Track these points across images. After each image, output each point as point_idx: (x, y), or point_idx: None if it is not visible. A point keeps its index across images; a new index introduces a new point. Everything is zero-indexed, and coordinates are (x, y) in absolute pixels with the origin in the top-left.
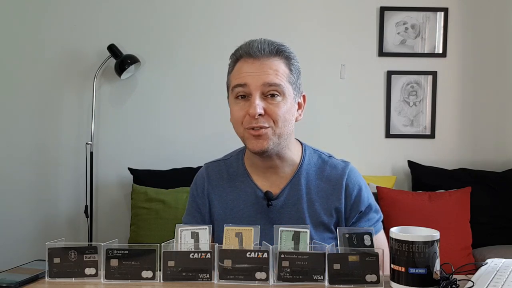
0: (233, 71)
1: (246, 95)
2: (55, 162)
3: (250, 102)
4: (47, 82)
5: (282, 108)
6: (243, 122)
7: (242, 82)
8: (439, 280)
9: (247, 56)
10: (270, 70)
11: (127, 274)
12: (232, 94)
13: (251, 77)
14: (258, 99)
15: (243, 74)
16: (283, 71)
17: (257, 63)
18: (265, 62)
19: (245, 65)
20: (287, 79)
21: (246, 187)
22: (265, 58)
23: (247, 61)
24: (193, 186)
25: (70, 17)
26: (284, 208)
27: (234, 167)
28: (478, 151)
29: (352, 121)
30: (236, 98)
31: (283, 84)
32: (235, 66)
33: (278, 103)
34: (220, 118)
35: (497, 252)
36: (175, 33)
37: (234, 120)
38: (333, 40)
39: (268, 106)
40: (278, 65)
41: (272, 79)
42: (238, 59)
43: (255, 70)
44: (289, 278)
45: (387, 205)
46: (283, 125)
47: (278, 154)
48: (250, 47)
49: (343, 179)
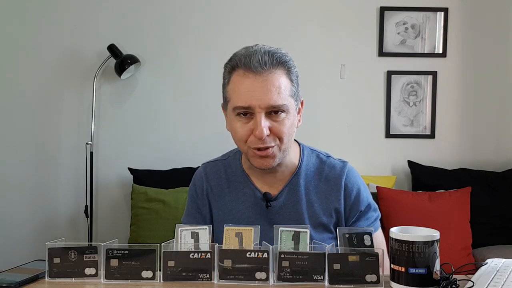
0: (230, 84)
1: (249, 113)
2: (55, 162)
3: (254, 121)
4: (47, 82)
5: (286, 125)
6: (247, 141)
7: (245, 105)
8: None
9: (246, 70)
10: (273, 88)
11: (127, 274)
12: (233, 112)
13: (255, 99)
14: (263, 120)
15: (246, 95)
16: (285, 86)
17: (259, 79)
18: (267, 78)
19: (246, 81)
20: (289, 94)
21: (245, 188)
22: (267, 73)
23: (248, 77)
24: (192, 187)
25: (70, 17)
26: (283, 209)
27: (232, 168)
28: (478, 151)
29: (352, 121)
30: (238, 115)
31: (287, 102)
32: (231, 77)
33: (283, 120)
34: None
35: (497, 252)
36: (175, 33)
37: (238, 139)
38: (333, 40)
39: (273, 124)
40: (280, 79)
41: (276, 100)
42: (234, 69)
43: (257, 89)
44: (289, 278)
45: (387, 205)
46: (287, 140)
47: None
48: (250, 60)
49: (341, 179)
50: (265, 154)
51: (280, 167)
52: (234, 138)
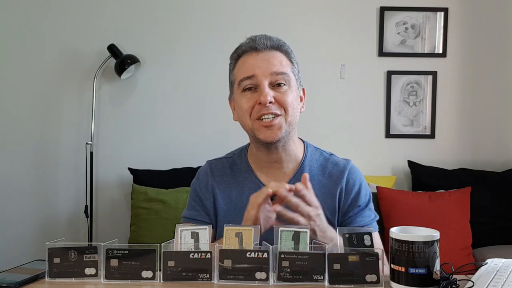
0: (236, 67)
1: (254, 86)
2: (55, 162)
3: (259, 92)
4: (47, 82)
5: (290, 96)
6: (251, 114)
7: (249, 74)
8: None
9: (251, 50)
10: (274, 61)
11: (127, 274)
12: (238, 88)
13: (258, 68)
14: (267, 87)
15: (249, 67)
16: (286, 63)
17: (261, 55)
18: (269, 54)
19: (250, 58)
20: (291, 70)
21: (250, 183)
22: (268, 51)
23: (251, 55)
24: (196, 181)
25: (70, 17)
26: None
27: (237, 164)
28: (478, 151)
29: (352, 121)
30: (243, 91)
31: (288, 73)
32: (237, 62)
33: (286, 91)
34: (220, 118)
35: (497, 252)
36: (175, 33)
37: (243, 112)
38: (333, 40)
39: (277, 95)
40: (281, 57)
41: (278, 68)
42: (240, 56)
43: (260, 61)
44: (289, 278)
45: (387, 205)
46: (292, 112)
47: (284, 146)
48: (253, 41)
49: (344, 174)
50: (269, 124)
51: (286, 156)
52: (240, 115)
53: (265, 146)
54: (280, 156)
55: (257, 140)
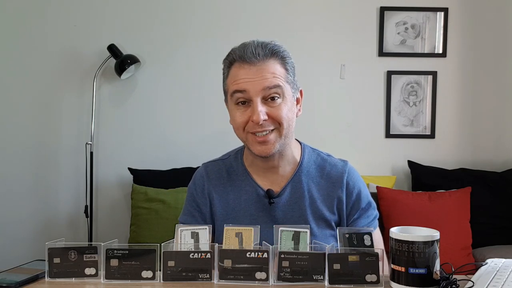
0: (229, 77)
1: (246, 101)
2: (55, 162)
3: (252, 108)
4: (47, 82)
5: (284, 109)
6: (245, 128)
7: (241, 88)
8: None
9: (242, 61)
10: (268, 74)
11: (127, 274)
12: (231, 100)
13: (250, 83)
14: (260, 105)
15: (241, 81)
16: (279, 72)
17: (253, 69)
18: (261, 67)
19: (241, 71)
20: (285, 80)
21: (247, 186)
22: (260, 63)
23: (243, 67)
24: (192, 185)
25: (70, 17)
26: (286, 205)
27: (234, 167)
28: (478, 151)
29: (352, 121)
30: (237, 104)
31: (282, 84)
32: (229, 71)
33: (279, 105)
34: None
35: (497, 252)
36: (175, 33)
37: (237, 127)
38: (333, 40)
39: (271, 110)
40: (274, 67)
41: (271, 81)
42: (231, 64)
43: (252, 76)
44: (289, 278)
45: (387, 205)
46: (287, 125)
47: (281, 153)
48: (244, 52)
49: (343, 177)
50: (263, 140)
51: (282, 162)
52: (234, 127)
53: (260, 158)
54: (277, 162)
55: (251, 153)
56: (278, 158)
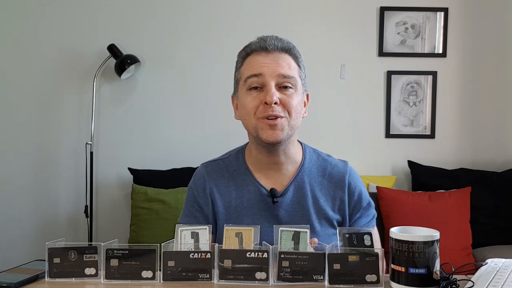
0: (243, 65)
1: (260, 86)
2: (55, 162)
3: (265, 91)
4: (47, 82)
5: (295, 99)
6: (256, 113)
7: (257, 72)
8: (439, 280)
9: (260, 49)
10: (283, 63)
11: (127, 274)
12: (244, 86)
13: (266, 67)
14: (274, 88)
15: (258, 65)
16: (294, 66)
17: (270, 56)
18: (278, 55)
19: (259, 57)
20: (298, 74)
21: (249, 185)
22: (277, 52)
23: (260, 54)
24: (193, 185)
25: (70, 17)
26: (289, 205)
27: (235, 166)
28: (478, 151)
29: (352, 121)
30: (249, 90)
31: (296, 77)
32: (245, 60)
33: (292, 94)
34: (220, 118)
35: (497, 252)
36: (175, 33)
37: (247, 111)
38: (333, 40)
39: (283, 97)
40: (289, 60)
41: (286, 71)
42: (249, 54)
43: (269, 61)
44: (289, 278)
45: (387, 205)
46: (296, 116)
47: (285, 149)
48: (263, 41)
49: (345, 177)
50: (273, 123)
51: (286, 159)
52: (243, 114)
53: (266, 148)
54: (280, 158)
55: (258, 141)
56: (281, 154)
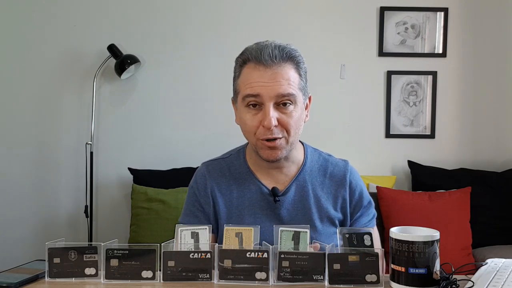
0: (241, 76)
1: (258, 104)
2: (55, 162)
3: (263, 112)
4: (47, 82)
5: (294, 117)
6: (256, 133)
7: (254, 92)
8: (439, 280)
9: (257, 63)
10: (282, 80)
11: (127, 274)
12: (242, 102)
13: (264, 88)
14: (272, 110)
15: (255, 84)
16: (294, 79)
17: (268, 72)
18: (276, 71)
19: (256, 73)
20: (298, 87)
21: (250, 185)
22: (276, 66)
23: (258, 69)
24: (194, 185)
25: (70, 17)
26: (291, 204)
27: (236, 165)
28: (478, 151)
29: (352, 121)
30: (247, 107)
31: (296, 93)
32: (242, 70)
33: (291, 112)
34: (220, 118)
35: (497, 252)
36: (175, 33)
37: (247, 130)
38: (333, 40)
39: (281, 116)
40: (289, 72)
41: (285, 89)
42: (245, 63)
43: (267, 80)
44: (289, 278)
45: (387, 205)
46: (295, 133)
47: (286, 157)
48: (261, 54)
49: (346, 176)
50: (273, 145)
51: (287, 162)
52: (243, 129)
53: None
54: (282, 163)
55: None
56: (283, 161)
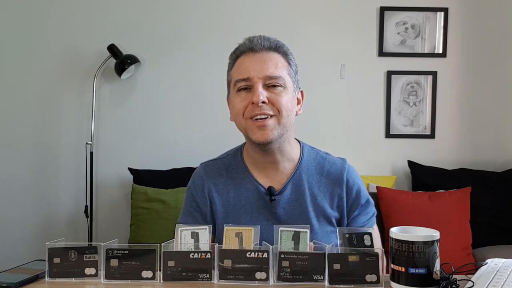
0: (233, 67)
1: (248, 87)
2: (55, 162)
3: (252, 91)
4: (47, 82)
5: (284, 97)
6: (244, 113)
7: (245, 76)
8: (439, 280)
9: (248, 50)
10: (270, 62)
11: (127, 274)
12: (234, 88)
13: (254, 70)
14: (261, 87)
15: (245, 69)
16: (282, 64)
17: (257, 56)
18: (265, 55)
19: (246, 59)
20: (287, 72)
21: (247, 184)
22: (264, 52)
23: (248, 55)
24: (191, 185)
25: (70, 17)
26: (287, 203)
27: (233, 165)
28: (478, 151)
29: (352, 121)
30: (238, 91)
31: (283, 76)
32: (235, 62)
33: (280, 92)
34: (220, 118)
35: (497, 252)
36: (175, 33)
37: (236, 112)
38: (333, 40)
39: (271, 95)
40: (277, 58)
41: (272, 71)
42: (238, 56)
43: (256, 63)
44: (289, 278)
45: (387, 205)
46: (286, 114)
47: (280, 148)
48: (250, 41)
49: (343, 174)
50: (262, 124)
51: (282, 157)
52: (232, 114)
53: (259, 147)
54: (276, 157)
55: (251, 141)
56: (277, 153)
